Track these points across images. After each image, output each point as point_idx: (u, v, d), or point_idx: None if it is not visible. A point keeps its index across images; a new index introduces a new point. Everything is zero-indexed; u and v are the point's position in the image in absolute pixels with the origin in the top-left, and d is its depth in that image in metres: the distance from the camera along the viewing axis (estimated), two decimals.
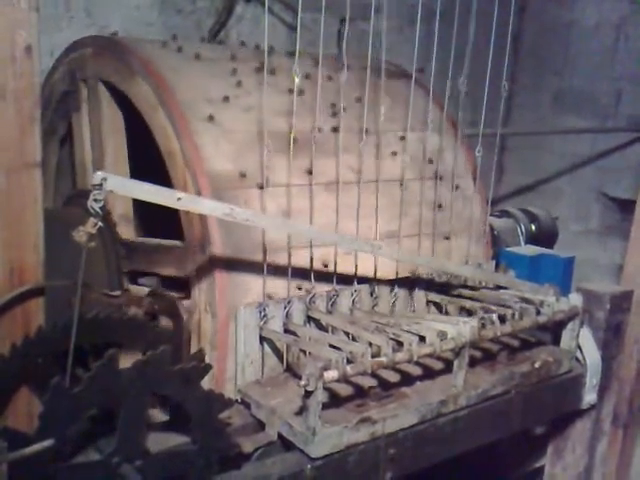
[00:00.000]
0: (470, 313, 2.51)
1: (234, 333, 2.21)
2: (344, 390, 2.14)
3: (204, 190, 2.21)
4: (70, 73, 2.73)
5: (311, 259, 2.33)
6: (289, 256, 2.28)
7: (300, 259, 2.32)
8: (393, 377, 2.26)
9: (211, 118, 2.35)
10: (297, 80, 2.08)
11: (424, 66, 2.55)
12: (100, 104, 2.63)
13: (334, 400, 2.09)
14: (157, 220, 2.51)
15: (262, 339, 2.25)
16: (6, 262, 1.96)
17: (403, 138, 2.73)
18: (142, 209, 2.64)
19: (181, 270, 2.31)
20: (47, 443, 1.61)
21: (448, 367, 2.30)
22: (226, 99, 2.44)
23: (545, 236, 3.62)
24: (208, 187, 2.22)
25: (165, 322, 2.33)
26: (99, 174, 1.72)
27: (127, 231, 2.60)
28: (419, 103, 2.66)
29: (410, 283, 2.62)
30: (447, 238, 2.73)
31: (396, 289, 2.57)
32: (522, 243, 3.51)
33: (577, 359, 2.64)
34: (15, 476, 1.54)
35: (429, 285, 2.67)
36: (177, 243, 2.33)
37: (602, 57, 4.99)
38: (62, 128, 2.87)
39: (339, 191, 2.38)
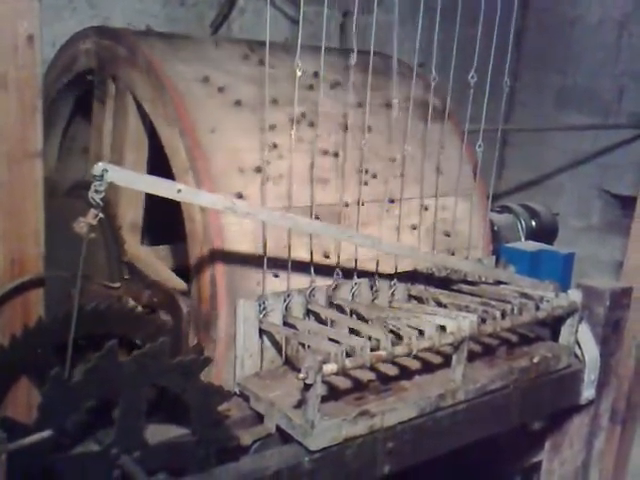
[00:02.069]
0: (469, 308, 2.51)
1: (233, 326, 2.21)
2: (343, 383, 2.14)
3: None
4: (99, 58, 2.61)
5: (311, 253, 2.33)
6: (289, 250, 2.28)
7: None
8: (392, 371, 2.26)
9: (240, 196, 2.26)
10: (299, 73, 2.08)
11: (425, 61, 2.54)
12: (127, 115, 2.53)
13: (333, 393, 2.09)
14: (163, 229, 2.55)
15: (261, 332, 2.25)
16: (7, 252, 1.96)
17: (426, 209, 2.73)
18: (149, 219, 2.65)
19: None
20: (46, 434, 1.62)
21: (447, 361, 2.31)
22: (258, 170, 2.33)
23: (545, 232, 3.63)
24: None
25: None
26: (100, 165, 1.72)
27: (134, 240, 2.57)
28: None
29: (410, 277, 2.63)
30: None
31: (396, 283, 2.57)
32: (522, 239, 3.52)
33: (576, 355, 2.64)
34: (14, 466, 1.54)
35: (429, 280, 2.67)
36: None
37: (605, 54, 4.98)
38: (78, 90, 2.85)
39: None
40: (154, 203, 2.56)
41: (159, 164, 2.38)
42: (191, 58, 2.51)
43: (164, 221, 2.50)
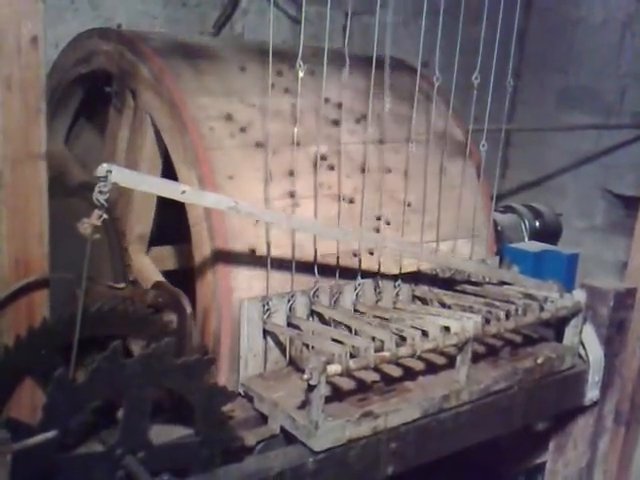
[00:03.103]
0: (473, 309, 2.51)
1: (238, 327, 2.21)
2: (347, 384, 2.14)
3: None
4: (120, 69, 2.54)
5: (315, 253, 2.33)
6: (293, 250, 2.28)
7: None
8: (396, 372, 2.26)
9: (253, 251, 2.26)
10: (301, 74, 2.08)
11: (428, 60, 2.54)
12: (144, 136, 2.50)
13: (337, 394, 2.09)
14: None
15: (265, 333, 2.26)
16: (11, 253, 1.96)
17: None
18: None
19: None
20: (50, 434, 1.62)
21: (451, 362, 2.31)
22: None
23: (549, 232, 3.62)
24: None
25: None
26: (104, 166, 1.72)
27: (140, 251, 2.56)
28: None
29: (414, 278, 2.62)
30: None
31: (400, 284, 2.57)
32: (526, 239, 3.51)
33: (580, 356, 2.64)
34: (19, 467, 1.54)
35: (433, 280, 2.67)
36: None
37: (607, 54, 4.97)
38: (91, 82, 2.82)
39: None
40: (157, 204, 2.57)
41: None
42: (216, 88, 2.45)
43: (168, 222, 2.51)
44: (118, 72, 2.57)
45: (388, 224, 2.55)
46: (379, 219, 2.53)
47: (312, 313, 2.36)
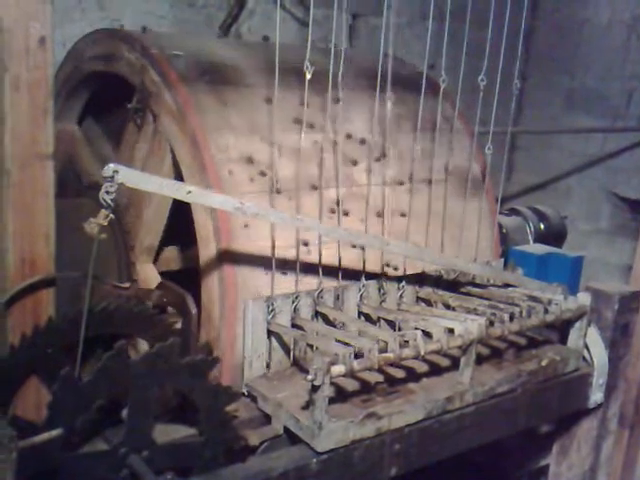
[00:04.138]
0: (478, 311, 2.51)
1: (242, 327, 2.22)
2: (351, 385, 2.14)
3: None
4: (143, 87, 2.45)
5: (319, 254, 2.34)
6: (297, 251, 2.29)
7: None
8: (400, 373, 2.26)
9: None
10: (308, 76, 2.08)
11: (434, 62, 2.55)
12: (162, 163, 2.45)
13: (340, 395, 2.10)
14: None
15: (269, 333, 2.26)
16: (18, 252, 1.97)
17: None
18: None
19: None
20: (55, 432, 1.63)
21: (455, 364, 2.31)
22: (284, 273, 2.30)
23: (554, 235, 3.62)
24: None
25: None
26: (110, 166, 1.73)
27: (146, 261, 2.56)
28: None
29: (418, 280, 2.63)
30: None
31: (404, 285, 2.57)
32: (531, 242, 3.52)
33: (584, 358, 2.63)
34: (24, 464, 1.55)
35: (437, 282, 2.67)
36: None
37: (614, 56, 4.96)
38: (107, 78, 2.71)
39: None
40: None
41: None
42: (240, 124, 2.38)
43: (173, 222, 2.51)
44: (140, 89, 2.48)
45: (396, 269, 2.54)
46: (387, 265, 2.53)
47: (316, 314, 2.36)
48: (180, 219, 2.39)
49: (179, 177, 2.34)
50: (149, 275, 2.53)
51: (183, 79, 2.40)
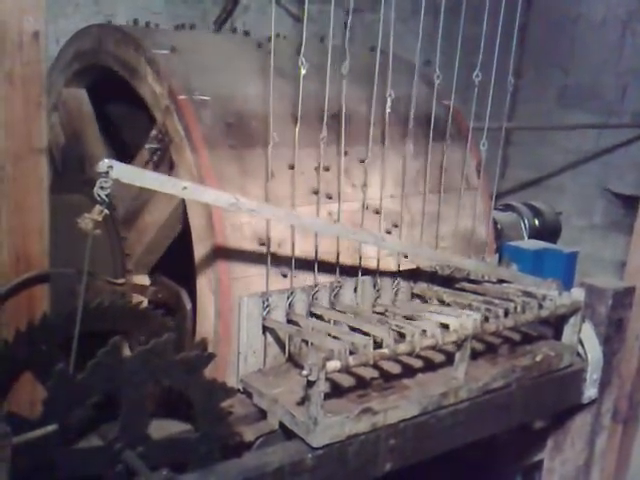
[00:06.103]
0: (472, 306, 2.51)
1: (237, 323, 2.22)
2: (346, 381, 2.15)
3: None
4: (165, 123, 2.34)
5: (316, 251, 2.34)
6: (292, 247, 2.29)
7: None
8: (395, 369, 2.27)
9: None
10: (303, 71, 2.08)
11: (429, 58, 2.55)
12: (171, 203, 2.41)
13: (336, 390, 2.10)
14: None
15: (265, 329, 2.26)
16: (11, 248, 1.96)
17: None
18: None
19: None
20: (50, 428, 1.62)
21: (450, 360, 2.31)
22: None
23: (548, 231, 3.63)
24: None
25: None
26: (105, 162, 1.72)
27: (141, 273, 2.54)
28: None
29: (413, 276, 2.63)
30: None
31: (399, 281, 2.57)
32: (525, 237, 3.52)
33: (578, 354, 2.64)
34: (19, 460, 1.55)
35: (432, 278, 2.68)
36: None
37: (608, 52, 4.97)
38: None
39: None
40: None
41: None
42: (258, 195, 2.27)
43: None
44: (161, 129, 2.36)
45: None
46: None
47: (311, 310, 2.36)
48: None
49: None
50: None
51: (207, 141, 2.28)
